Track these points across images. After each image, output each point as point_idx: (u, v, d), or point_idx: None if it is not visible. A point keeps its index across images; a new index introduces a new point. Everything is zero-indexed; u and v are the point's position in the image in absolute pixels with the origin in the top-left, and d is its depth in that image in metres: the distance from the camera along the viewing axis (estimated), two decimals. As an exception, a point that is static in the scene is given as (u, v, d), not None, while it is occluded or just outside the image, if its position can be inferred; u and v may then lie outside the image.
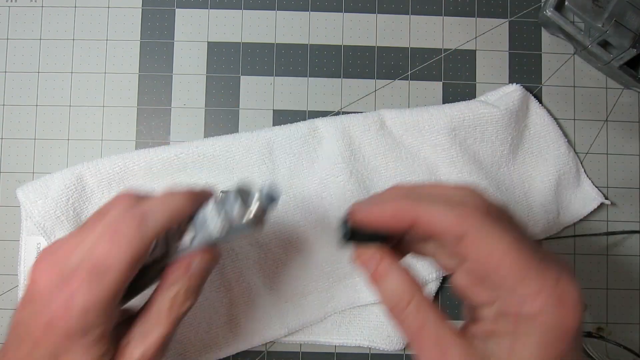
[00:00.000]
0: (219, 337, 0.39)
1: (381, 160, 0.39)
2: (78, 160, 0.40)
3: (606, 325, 0.41)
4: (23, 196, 0.36)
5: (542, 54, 0.42)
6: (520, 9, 0.42)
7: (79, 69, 0.41)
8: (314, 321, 0.39)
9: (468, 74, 0.42)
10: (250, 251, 0.38)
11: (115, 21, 0.42)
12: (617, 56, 0.39)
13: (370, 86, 0.42)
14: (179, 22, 0.42)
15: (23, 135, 0.41)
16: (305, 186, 0.39)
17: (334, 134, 0.39)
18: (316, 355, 0.40)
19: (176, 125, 0.41)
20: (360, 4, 0.42)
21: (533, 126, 0.41)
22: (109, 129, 0.41)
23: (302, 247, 0.39)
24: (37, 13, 0.41)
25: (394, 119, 0.39)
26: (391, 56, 0.42)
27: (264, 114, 0.41)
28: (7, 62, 0.41)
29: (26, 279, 0.27)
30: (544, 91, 0.42)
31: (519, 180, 0.41)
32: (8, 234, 0.40)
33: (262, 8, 0.42)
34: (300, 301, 0.39)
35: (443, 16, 0.42)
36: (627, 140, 0.42)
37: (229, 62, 0.42)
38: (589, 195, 0.41)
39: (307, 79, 0.42)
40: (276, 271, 0.39)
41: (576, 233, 0.41)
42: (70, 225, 0.37)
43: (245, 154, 0.39)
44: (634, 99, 0.42)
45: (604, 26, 0.38)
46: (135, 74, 0.41)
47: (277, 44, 0.42)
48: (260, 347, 0.40)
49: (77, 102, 0.41)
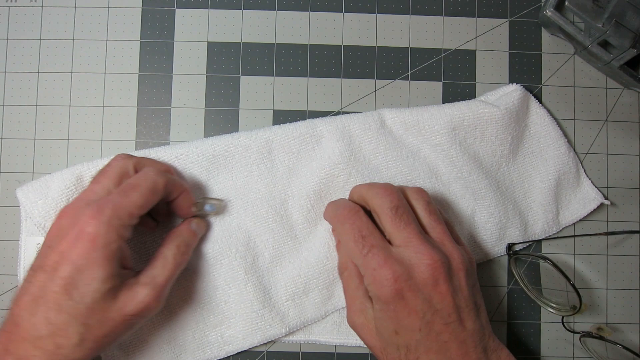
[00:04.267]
0: (217, 336, 0.39)
1: (381, 160, 0.39)
2: (78, 160, 0.40)
3: (606, 325, 0.41)
4: (23, 196, 0.36)
5: (542, 54, 0.42)
6: (520, 9, 0.42)
7: (79, 69, 0.41)
8: (314, 319, 0.39)
9: (468, 74, 0.42)
10: (250, 250, 0.38)
11: (115, 21, 0.42)
12: (617, 56, 0.39)
13: (370, 86, 0.42)
14: (179, 22, 0.42)
15: (23, 135, 0.41)
16: (304, 185, 0.39)
17: (333, 134, 0.39)
18: (316, 355, 0.40)
19: (176, 125, 0.41)
20: (360, 4, 0.42)
21: (533, 126, 0.41)
22: (109, 129, 0.41)
23: (302, 245, 0.39)
24: (37, 13, 0.41)
25: (394, 118, 0.39)
26: (391, 56, 0.42)
27: (263, 114, 0.41)
28: (7, 62, 0.41)
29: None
30: (544, 91, 0.42)
31: (518, 180, 0.41)
32: (8, 234, 0.40)
33: (262, 8, 0.42)
34: (301, 299, 0.39)
35: (443, 16, 0.42)
36: (627, 140, 0.42)
37: (229, 62, 0.42)
38: (589, 196, 0.41)
39: (307, 79, 0.42)
40: (276, 270, 0.39)
41: (576, 233, 0.41)
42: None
43: (244, 153, 0.39)
44: (634, 99, 0.42)
45: (604, 26, 0.38)
46: (135, 74, 0.41)
47: (277, 44, 0.42)
48: (260, 347, 0.40)
49: (77, 102, 0.41)
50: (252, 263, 0.38)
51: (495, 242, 0.40)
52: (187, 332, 0.38)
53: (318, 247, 0.39)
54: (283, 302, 0.39)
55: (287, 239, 0.39)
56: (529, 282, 0.41)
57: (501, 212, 0.40)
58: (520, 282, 0.40)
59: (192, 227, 0.36)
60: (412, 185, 0.40)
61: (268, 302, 0.39)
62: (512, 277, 0.41)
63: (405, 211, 0.33)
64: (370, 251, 0.32)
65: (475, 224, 0.40)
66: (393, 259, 0.31)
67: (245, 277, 0.38)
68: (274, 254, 0.39)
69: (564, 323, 0.40)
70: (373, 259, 0.31)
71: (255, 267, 0.38)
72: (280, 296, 0.39)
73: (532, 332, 0.41)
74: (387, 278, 0.31)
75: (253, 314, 0.38)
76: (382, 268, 0.31)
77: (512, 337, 0.41)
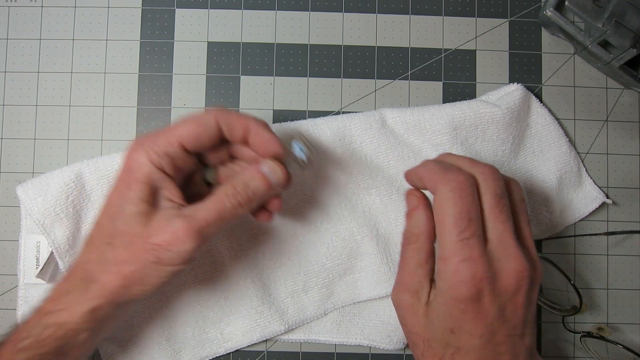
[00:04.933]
0: (216, 333, 0.39)
1: (383, 160, 0.39)
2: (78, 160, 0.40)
3: (606, 325, 0.41)
4: (23, 193, 0.36)
5: (542, 54, 0.42)
6: (520, 9, 0.42)
7: (79, 69, 0.41)
8: (314, 317, 0.39)
9: (468, 74, 0.42)
10: (250, 247, 0.38)
11: (115, 21, 0.41)
12: (618, 56, 0.39)
13: (370, 86, 0.42)
14: (179, 22, 0.42)
15: (23, 135, 0.41)
16: (304, 183, 0.39)
17: (335, 133, 0.39)
18: (316, 355, 0.40)
19: (176, 125, 0.41)
20: (360, 4, 0.42)
21: (534, 125, 0.41)
22: (109, 129, 0.41)
23: (302, 243, 0.39)
24: (37, 13, 0.41)
25: (395, 118, 0.39)
26: (391, 56, 0.42)
27: (264, 114, 0.41)
28: (7, 62, 0.41)
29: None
30: (544, 91, 0.42)
31: (520, 180, 0.41)
32: (8, 234, 0.40)
33: (262, 8, 0.42)
34: (300, 297, 0.39)
35: (443, 16, 0.42)
36: (628, 140, 0.42)
37: (229, 62, 0.42)
38: (591, 195, 0.41)
39: (307, 79, 0.42)
40: (276, 267, 0.39)
41: (576, 233, 0.41)
42: (70, 223, 0.37)
43: (245, 153, 0.39)
44: (634, 99, 0.42)
45: (604, 26, 0.38)
46: (135, 74, 0.41)
47: (277, 44, 0.42)
48: (260, 347, 0.40)
49: (77, 102, 0.41)
50: (252, 259, 0.38)
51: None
52: (186, 329, 0.38)
53: (318, 246, 0.39)
54: (282, 299, 0.39)
55: (287, 236, 0.39)
56: (530, 282, 0.41)
57: (502, 211, 0.40)
58: (521, 282, 0.40)
59: (263, 169, 0.31)
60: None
61: (267, 299, 0.39)
62: (513, 277, 0.41)
63: (507, 203, 0.29)
64: (470, 239, 0.27)
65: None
66: (487, 256, 0.28)
67: (245, 274, 0.38)
68: (274, 251, 0.39)
69: (564, 323, 0.40)
70: (469, 248, 0.27)
71: (254, 264, 0.38)
72: (280, 293, 0.39)
73: (533, 332, 0.41)
74: (473, 275, 0.27)
75: (252, 310, 0.38)
76: (472, 262, 0.27)
77: (512, 337, 0.41)
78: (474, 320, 0.28)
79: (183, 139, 0.30)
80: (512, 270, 0.28)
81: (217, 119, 0.30)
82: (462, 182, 0.28)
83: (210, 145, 0.31)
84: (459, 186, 0.28)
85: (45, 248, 0.38)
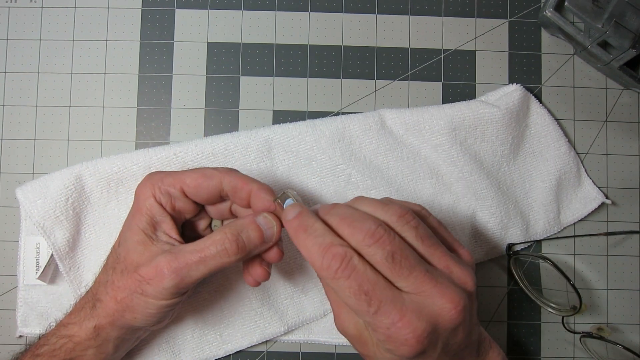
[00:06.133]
0: (216, 335, 0.39)
1: (382, 160, 0.39)
2: (78, 161, 0.40)
3: (606, 325, 0.41)
4: (22, 196, 0.36)
5: (542, 54, 0.42)
6: (520, 9, 0.42)
7: (78, 70, 0.41)
8: (313, 318, 0.39)
9: (468, 74, 0.42)
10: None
11: (115, 21, 0.42)
12: (617, 57, 0.39)
13: (370, 86, 0.42)
14: (179, 22, 0.42)
15: (23, 136, 0.41)
16: (304, 184, 0.39)
17: (334, 134, 0.39)
18: (316, 356, 0.40)
19: (176, 125, 0.41)
20: (360, 4, 0.42)
21: (534, 126, 0.41)
22: (109, 129, 0.41)
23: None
24: (37, 13, 0.41)
25: (394, 118, 0.39)
26: (391, 56, 0.42)
27: (263, 114, 0.41)
28: (7, 63, 0.41)
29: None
30: (544, 91, 0.42)
31: (519, 180, 0.41)
32: (8, 234, 0.40)
33: (262, 8, 0.42)
34: (299, 298, 0.39)
35: (443, 16, 0.42)
36: (627, 140, 0.42)
37: (229, 62, 0.42)
38: (590, 195, 0.41)
39: (307, 79, 0.42)
40: (275, 268, 0.39)
41: (576, 233, 0.41)
42: (70, 225, 0.37)
43: (243, 152, 0.39)
44: (634, 99, 0.42)
45: (604, 27, 0.38)
46: (135, 74, 0.41)
47: (277, 44, 0.42)
48: (260, 347, 0.40)
49: (77, 102, 0.41)
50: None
51: (496, 242, 0.40)
52: (186, 330, 0.38)
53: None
54: (282, 300, 0.39)
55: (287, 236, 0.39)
56: (529, 282, 0.41)
57: (502, 212, 0.40)
58: (520, 282, 0.40)
59: (259, 220, 0.31)
60: (412, 185, 0.40)
61: (267, 301, 0.39)
62: (512, 277, 0.41)
63: (402, 254, 0.27)
64: (380, 309, 0.26)
65: (477, 224, 0.40)
66: (410, 312, 0.26)
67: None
68: None
69: (564, 323, 0.40)
70: (385, 316, 0.26)
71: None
72: (279, 294, 0.39)
73: (532, 332, 0.41)
74: (408, 338, 0.26)
75: (252, 312, 0.38)
76: (398, 327, 0.26)
77: (512, 337, 0.41)
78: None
79: (185, 185, 0.32)
80: (445, 311, 0.27)
81: (222, 178, 0.32)
82: (337, 269, 0.27)
83: (208, 198, 0.32)
84: (338, 273, 0.27)
85: (45, 249, 0.38)
